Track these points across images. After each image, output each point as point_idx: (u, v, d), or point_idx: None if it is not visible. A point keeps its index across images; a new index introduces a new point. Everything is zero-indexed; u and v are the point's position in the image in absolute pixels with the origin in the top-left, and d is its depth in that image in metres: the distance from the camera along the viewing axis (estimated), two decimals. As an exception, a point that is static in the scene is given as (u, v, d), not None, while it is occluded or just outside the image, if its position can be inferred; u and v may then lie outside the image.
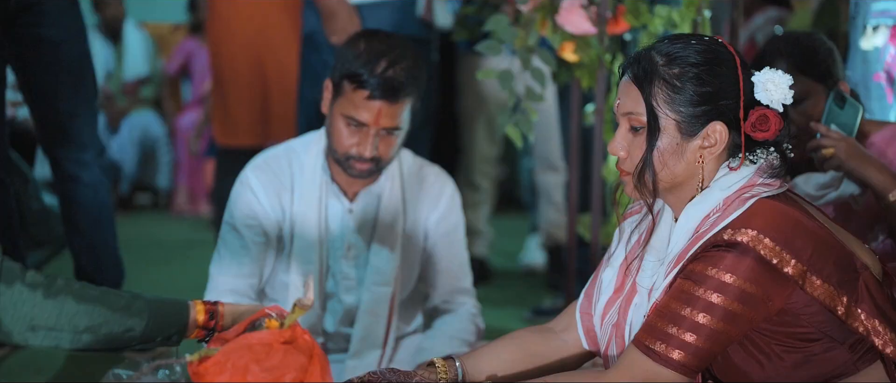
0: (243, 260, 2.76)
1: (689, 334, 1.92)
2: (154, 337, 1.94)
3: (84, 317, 1.86)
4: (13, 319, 1.81)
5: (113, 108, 7.10)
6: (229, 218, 2.84)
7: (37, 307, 1.82)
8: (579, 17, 3.02)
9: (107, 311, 1.87)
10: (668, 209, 2.10)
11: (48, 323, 1.83)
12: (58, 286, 1.85)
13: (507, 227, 5.99)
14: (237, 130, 4.18)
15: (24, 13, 3.45)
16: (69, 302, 1.84)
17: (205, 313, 1.99)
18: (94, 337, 1.88)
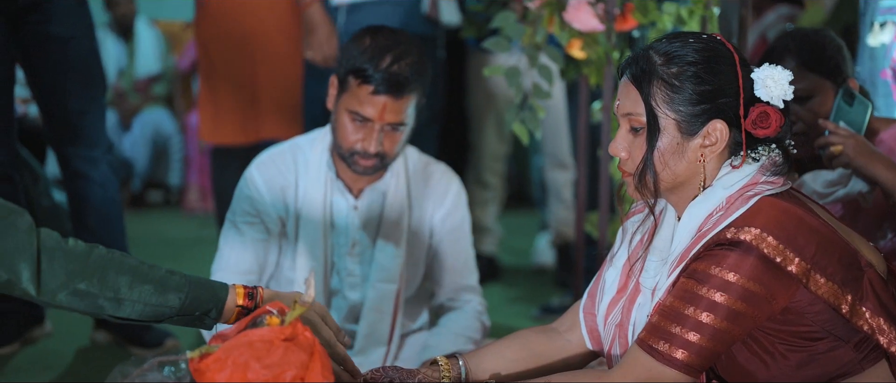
0: (243, 256, 2.77)
1: (692, 333, 1.92)
2: (192, 311, 1.97)
3: (124, 286, 1.90)
4: (56, 284, 1.86)
5: (125, 106, 7.11)
6: (231, 214, 2.84)
7: (78, 273, 1.86)
8: (587, 14, 3.01)
9: (146, 281, 1.91)
10: (670, 208, 2.10)
11: (90, 289, 1.88)
12: (98, 253, 1.89)
13: (518, 225, 5.98)
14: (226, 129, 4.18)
15: (32, 11, 3.47)
16: (110, 270, 1.89)
17: (244, 294, 2.02)
18: (134, 306, 1.92)
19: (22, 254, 1.84)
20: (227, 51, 4.06)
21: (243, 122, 4.12)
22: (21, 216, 1.87)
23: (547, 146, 4.77)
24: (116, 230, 3.74)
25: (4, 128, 3.59)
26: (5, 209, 1.86)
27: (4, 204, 1.87)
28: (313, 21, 3.72)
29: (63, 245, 1.88)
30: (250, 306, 2.02)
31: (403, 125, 2.73)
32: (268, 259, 2.82)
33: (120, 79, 7.14)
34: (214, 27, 4.07)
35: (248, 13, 4.00)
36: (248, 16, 4.01)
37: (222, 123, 4.15)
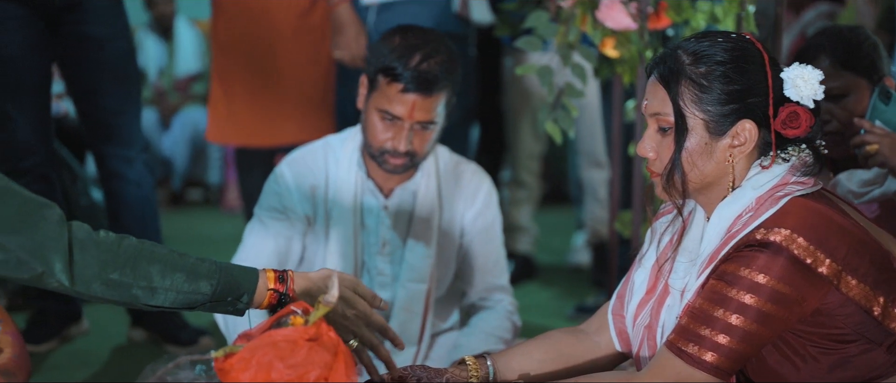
0: (264, 249, 2.76)
1: (722, 336, 1.91)
2: (224, 296, 1.98)
3: (157, 274, 1.92)
4: (89, 274, 1.87)
5: (165, 105, 7.15)
6: (258, 208, 2.85)
7: (110, 263, 1.88)
8: (619, 13, 2.99)
9: (178, 269, 1.93)
10: (700, 209, 2.08)
11: (123, 279, 1.89)
12: (129, 243, 1.91)
13: (555, 223, 5.97)
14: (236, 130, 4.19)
15: (69, 11, 3.51)
16: (142, 258, 1.90)
17: (274, 278, 2.02)
18: (167, 294, 1.94)
19: (54, 246, 1.86)
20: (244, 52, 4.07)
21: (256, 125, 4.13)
22: (51, 209, 1.89)
23: (583, 145, 4.76)
24: (151, 229, 3.78)
25: (42, 128, 3.64)
26: (35, 203, 1.88)
27: (34, 198, 1.89)
28: (341, 20, 3.73)
29: (94, 236, 1.90)
30: (282, 290, 2.03)
31: (433, 124, 2.73)
32: (289, 256, 2.81)
33: (160, 78, 7.19)
34: (230, 28, 4.08)
35: (265, 14, 4.01)
36: (265, 17, 4.02)
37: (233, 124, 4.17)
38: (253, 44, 4.05)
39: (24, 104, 3.55)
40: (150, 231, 3.76)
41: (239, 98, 4.11)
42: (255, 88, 4.08)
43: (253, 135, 4.15)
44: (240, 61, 4.08)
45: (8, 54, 3.48)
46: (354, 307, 2.07)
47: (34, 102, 3.58)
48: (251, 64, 4.07)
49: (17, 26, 3.47)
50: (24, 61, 3.51)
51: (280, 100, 4.08)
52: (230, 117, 4.15)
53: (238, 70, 4.09)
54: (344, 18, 3.72)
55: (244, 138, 4.20)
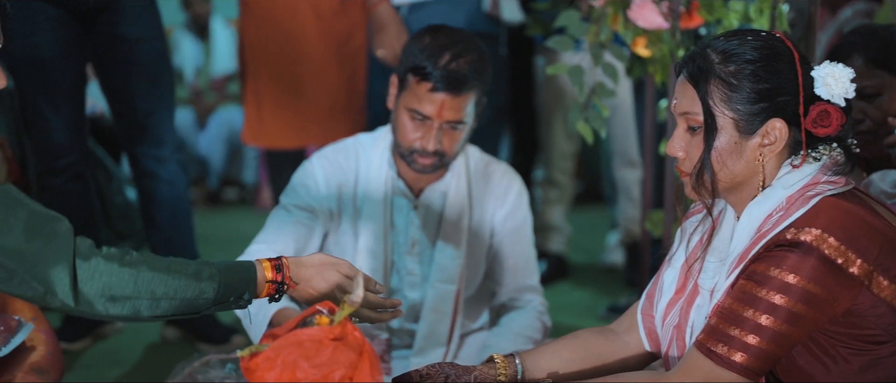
0: (281, 235, 2.75)
1: (751, 336, 1.90)
2: (226, 298, 1.99)
3: (160, 285, 1.91)
4: (93, 291, 1.87)
5: (201, 104, 7.20)
6: (284, 198, 2.85)
7: (114, 277, 1.88)
8: (651, 12, 2.97)
9: (180, 277, 1.93)
10: (730, 208, 2.07)
11: (126, 293, 1.89)
12: (132, 257, 1.91)
13: (590, 223, 5.95)
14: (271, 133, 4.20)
15: (102, 12, 3.54)
16: (144, 271, 1.90)
17: (271, 268, 2.03)
18: (171, 303, 1.94)
19: (59, 264, 1.85)
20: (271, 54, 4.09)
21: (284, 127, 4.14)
22: (60, 222, 1.89)
23: (616, 144, 4.74)
24: (184, 227, 3.80)
25: (76, 128, 3.67)
26: (44, 216, 1.88)
27: (43, 211, 1.88)
28: (382, 19, 3.74)
29: (97, 252, 1.89)
30: (279, 279, 2.03)
31: (462, 123, 2.73)
32: (307, 247, 2.79)
33: (196, 77, 7.23)
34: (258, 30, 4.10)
35: (292, 16, 4.02)
36: (292, 19, 4.03)
37: (266, 127, 4.18)
38: (280, 46, 4.07)
39: (58, 104, 3.59)
40: (182, 230, 3.79)
41: (267, 100, 4.13)
42: (283, 90, 4.09)
43: (281, 138, 4.16)
44: (268, 63, 4.10)
45: (43, 55, 3.52)
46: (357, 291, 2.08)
47: (69, 102, 3.62)
48: (279, 66, 4.08)
49: (52, 27, 3.50)
50: (58, 62, 3.55)
51: (307, 102, 4.09)
52: (260, 119, 4.17)
53: (266, 72, 4.11)
54: (385, 17, 3.73)
55: (272, 140, 4.22)
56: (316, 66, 4.07)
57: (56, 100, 3.58)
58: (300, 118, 4.11)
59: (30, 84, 3.59)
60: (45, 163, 3.71)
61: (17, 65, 3.60)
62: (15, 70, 3.63)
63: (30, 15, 3.49)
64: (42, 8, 3.48)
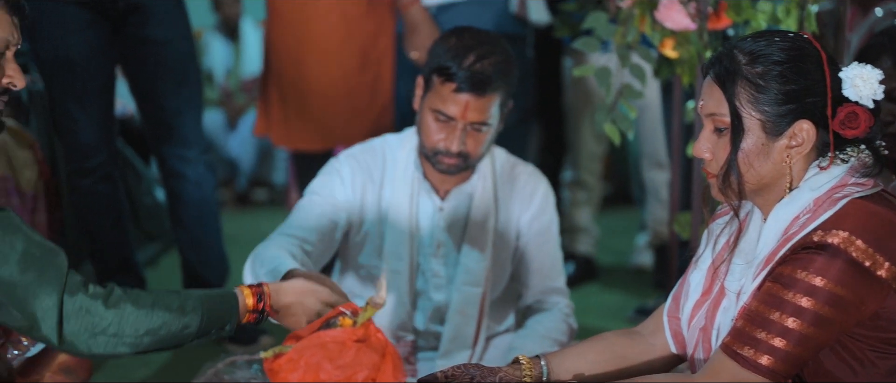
0: (303, 223, 2.75)
1: (778, 339, 1.89)
2: (209, 329, 1.99)
3: (144, 322, 1.91)
4: (77, 330, 1.88)
5: (231, 106, 7.22)
6: (308, 191, 2.85)
7: (99, 316, 1.88)
8: (679, 13, 2.96)
9: (164, 313, 1.92)
10: (757, 210, 2.06)
11: (110, 330, 1.89)
12: (116, 295, 1.91)
13: (620, 224, 5.93)
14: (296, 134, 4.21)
15: (131, 14, 3.56)
16: (128, 308, 1.90)
17: (253, 297, 2.02)
18: (154, 339, 1.94)
19: (49, 299, 1.86)
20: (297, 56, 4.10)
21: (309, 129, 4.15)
22: (56, 256, 1.89)
23: (645, 146, 4.72)
24: (211, 228, 3.82)
25: (105, 129, 3.70)
26: (42, 248, 1.88)
27: (41, 242, 1.89)
28: (415, 21, 3.74)
29: (83, 290, 1.89)
30: (260, 308, 2.03)
31: (487, 125, 2.72)
32: (330, 241, 2.80)
33: (227, 79, 7.26)
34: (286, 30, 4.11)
35: (321, 17, 4.03)
36: (321, 19, 4.04)
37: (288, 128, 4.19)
38: (306, 47, 4.07)
39: (88, 105, 3.62)
40: (209, 230, 3.81)
41: (292, 102, 4.14)
42: (309, 92, 4.10)
43: (306, 140, 4.17)
44: (294, 65, 4.11)
45: (72, 56, 3.55)
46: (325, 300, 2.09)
47: (98, 104, 3.64)
48: (305, 67, 4.09)
49: (82, 29, 3.53)
50: (87, 63, 3.58)
51: (333, 104, 4.10)
52: (285, 121, 4.18)
53: (292, 73, 4.12)
54: (417, 19, 3.74)
55: (297, 142, 4.23)
56: (342, 67, 4.08)
57: (85, 102, 3.61)
58: (325, 120, 4.12)
59: (59, 85, 3.62)
60: (74, 163, 3.74)
61: (47, 66, 3.64)
62: (45, 71, 3.67)
63: (60, 17, 3.52)
64: (72, 10, 3.51)
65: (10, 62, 1.98)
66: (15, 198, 3.81)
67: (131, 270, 3.90)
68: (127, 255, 3.89)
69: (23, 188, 3.85)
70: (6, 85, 1.98)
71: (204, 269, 3.81)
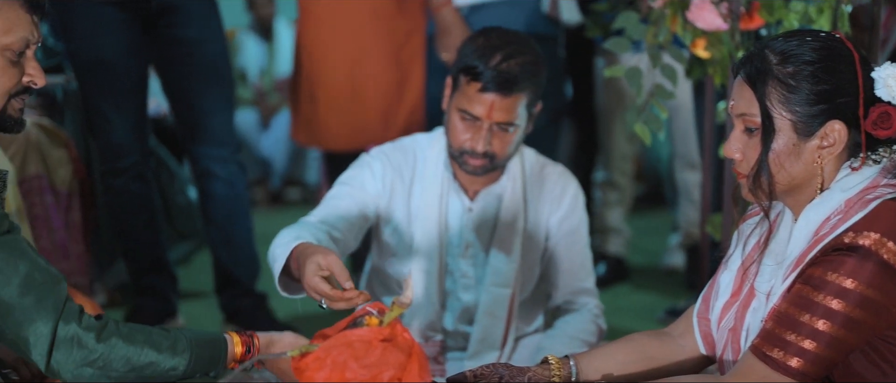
0: (332, 211, 2.75)
1: (807, 341, 1.88)
2: (194, 373, 1.99)
3: (132, 359, 1.92)
4: (66, 358, 1.89)
5: (265, 105, 7.25)
6: (338, 183, 2.86)
7: (89, 349, 1.89)
8: (710, 13, 2.94)
9: (153, 353, 1.93)
10: (787, 211, 2.05)
11: (98, 364, 1.90)
12: (109, 330, 1.91)
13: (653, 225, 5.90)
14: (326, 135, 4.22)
15: (164, 15, 3.58)
16: (119, 345, 1.91)
17: (242, 346, 2.02)
18: (139, 376, 1.94)
19: (44, 327, 1.87)
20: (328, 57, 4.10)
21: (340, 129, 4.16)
22: (58, 284, 1.90)
23: (677, 146, 4.70)
24: (243, 227, 3.84)
25: (138, 129, 3.73)
26: (45, 274, 1.89)
27: (45, 268, 1.89)
28: (446, 22, 3.74)
29: (78, 321, 1.90)
30: (247, 358, 2.02)
31: (513, 125, 2.71)
32: (359, 229, 2.80)
33: (260, 79, 7.28)
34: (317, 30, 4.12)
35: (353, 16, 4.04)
36: (353, 19, 4.04)
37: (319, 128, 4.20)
38: (338, 47, 4.08)
39: (121, 105, 3.65)
40: (240, 229, 3.83)
41: (323, 103, 4.15)
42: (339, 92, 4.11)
43: (336, 140, 4.18)
44: (325, 65, 4.12)
45: (106, 56, 3.58)
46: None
47: (131, 103, 3.67)
48: (336, 67, 4.10)
49: (115, 30, 3.56)
50: (121, 64, 3.60)
51: (364, 104, 4.11)
52: (315, 121, 4.19)
53: (323, 73, 4.13)
54: (449, 21, 3.74)
55: (328, 142, 4.24)
56: (374, 67, 4.09)
57: (118, 101, 3.64)
58: (356, 120, 4.13)
59: (93, 85, 3.65)
60: (107, 163, 3.77)
61: (81, 66, 3.67)
62: (79, 71, 3.70)
63: (94, 17, 3.55)
64: (106, 10, 3.54)
65: (31, 60, 1.99)
66: (49, 196, 3.84)
67: (163, 269, 3.93)
68: (159, 254, 3.91)
69: (57, 187, 3.88)
70: (27, 83, 2.00)
71: (235, 268, 3.84)
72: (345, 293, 2.11)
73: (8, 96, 1.98)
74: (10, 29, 1.94)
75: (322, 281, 2.13)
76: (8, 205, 3.43)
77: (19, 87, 1.99)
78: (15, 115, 2.00)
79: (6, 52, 1.95)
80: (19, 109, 2.01)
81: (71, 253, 3.88)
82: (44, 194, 3.84)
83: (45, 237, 3.80)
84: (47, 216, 3.82)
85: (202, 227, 3.95)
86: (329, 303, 2.11)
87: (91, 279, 4.08)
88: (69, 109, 4.19)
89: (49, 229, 3.82)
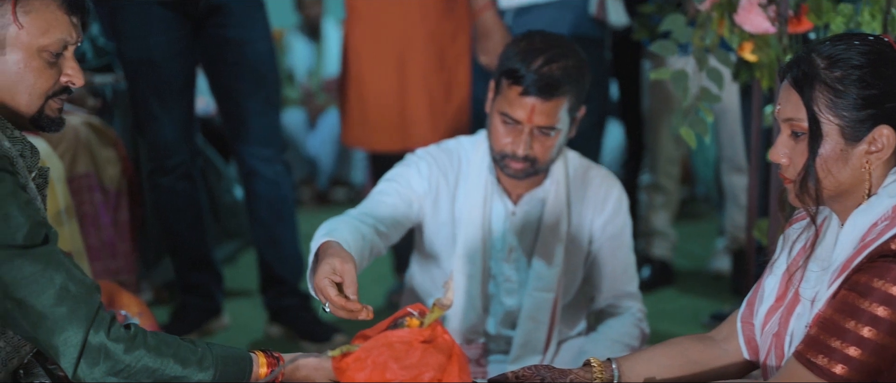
0: (378, 206, 2.75)
1: (852, 348, 1.86)
2: None
3: (158, 371, 1.92)
4: (93, 368, 1.89)
5: (312, 105, 7.28)
6: (383, 180, 2.86)
7: (116, 359, 1.89)
8: (758, 16, 2.92)
9: (178, 366, 1.93)
10: (834, 216, 2.03)
11: (124, 375, 1.90)
12: (137, 341, 1.92)
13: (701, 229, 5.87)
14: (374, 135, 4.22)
15: (212, 15, 3.61)
16: (146, 357, 1.91)
17: (267, 368, 2.01)
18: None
19: (75, 336, 1.88)
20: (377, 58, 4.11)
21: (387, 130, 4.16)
22: (92, 294, 1.91)
23: (724, 150, 4.67)
24: (288, 226, 3.86)
25: (185, 128, 3.76)
26: (80, 284, 1.90)
27: (81, 279, 1.90)
28: (487, 26, 3.74)
29: (107, 332, 1.90)
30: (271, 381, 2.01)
31: (554, 129, 2.70)
32: (403, 223, 2.79)
33: (308, 79, 7.31)
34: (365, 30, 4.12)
35: (400, 17, 4.04)
36: (401, 19, 4.04)
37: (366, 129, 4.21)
38: (386, 48, 4.09)
39: (168, 104, 3.69)
40: (286, 228, 3.85)
41: (371, 102, 4.16)
42: (386, 93, 4.12)
43: (383, 140, 4.19)
44: (373, 65, 4.13)
45: (154, 57, 3.61)
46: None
47: (178, 103, 3.71)
48: (383, 68, 4.11)
49: (164, 30, 3.59)
50: (169, 63, 3.64)
51: (410, 106, 4.11)
52: (363, 122, 4.20)
53: (371, 74, 4.14)
54: (490, 24, 3.74)
55: (374, 143, 4.25)
56: (421, 68, 4.09)
57: (166, 101, 3.68)
58: (404, 121, 4.13)
59: (141, 84, 3.69)
60: (154, 161, 3.80)
61: (129, 65, 3.71)
62: (128, 70, 3.73)
63: (143, 17, 3.58)
64: (155, 10, 3.57)
65: (69, 61, 2.01)
66: (98, 194, 3.88)
67: (209, 267, 3.96)
68: (205, 253, 3.94)
69: (106, 185, 3.92)
70: (65, 83, 2.01)
71: (279, 267, 3.86)
72: (348, 303, 2.08)
73: (45, 97, 1.99)
74: (46, 30, 1.96)
75: (331, 285, 2.10)
76: (57, 202, 3.47)
77: (57, 88, 2.01)
78: (53, 115, 2.02)
79: (43, 54, 1.96)
80: (58, 109, 2.03)
81: (118, 250, 3.92)
82: (92, 192, 3.88)
83: (93, 235, 3.85)
84: (96, 214, 3.86)
85: (250, 223, 3.98)
86: (331, 308, 2.09)
87: (138, 277, 4.12)
88: (119, 108, 4.24)
89: (97, 227, 3.86)
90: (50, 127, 2.03)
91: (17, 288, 1.85)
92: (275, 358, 2.01)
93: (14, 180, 1.89)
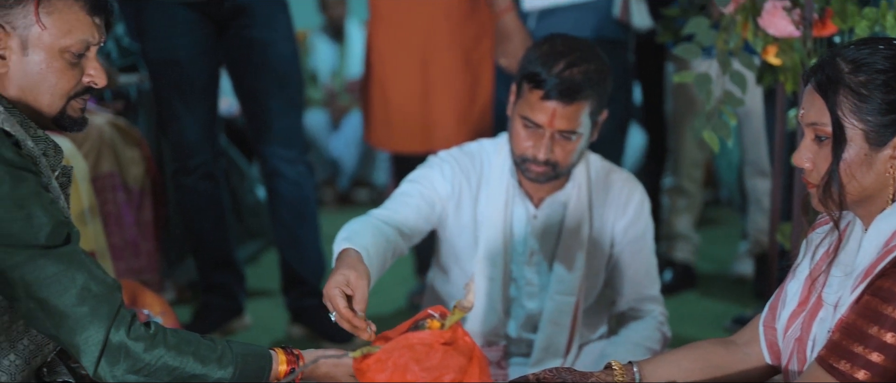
0: (401, 207, 2.74)
1: (875, 354, 1.85)
2: None
3: (178, 369, 1.93)
4: (113, 366, 1.91)
5: (335, 106, 7.29)
6: (406, 180, 2.86)
7: (135, 358, 1.91)
8: (782, 20, 2.91)
9: (198, 364, 1.94)
10: (857, 221, 2.02)
11: (143, 372, 1.92)
12: (157, 340, 1.93)
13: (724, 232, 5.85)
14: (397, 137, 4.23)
15: (235, 16, 3.63)
16: (166, 355, 1.92)
17: (286, 365, 2.01)
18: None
19: (96, 335, 1.89)
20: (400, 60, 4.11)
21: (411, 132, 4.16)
22: (113, 293, 1.92)
23: (747, 153, 4.65)
24: (310, 227, 3.87)
25: (208, 129, 3.78)
26: (101, 284, 1.91)
27: (102, 278, 1.91)
28: (508, 29, 3.73)
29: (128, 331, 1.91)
30: (291, 379, 2.02)
31: (575, 133, 2.69)
32: (425, 224, 2.79)
33: (331, 80, 7.32)
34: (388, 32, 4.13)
35: (424, 18, 4.04)
36: (424, 21, 4.05)
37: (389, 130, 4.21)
38: (409, 49, 4.10)
39: (192, 105, 3.70)
40: (308, 229, 3.86)
41: (395, 105, 4.16)
42: (409, 95, 4.12)
43: (405, 142, 4.19)
44: (396, 67, 4.13)
45: (178, 57, 3.63)
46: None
47: (202, 103, 3.72)
48: (406, 71, 4.11)
49: (188, 30, 3.61)
50: (193, 64, 3.65)
51: (433, 107, 4.11)
52: (387, 123, 4.20)
53: (394, 75, 4.14)
54: (510, 27, 3.73)
55: (397, 144, 4.25)
56: (443, 70, 4.09)
57: (189, 101, 3.69)
58: (427, 122, 4.13)
59: (165, 85, 3.71)
60: (177, 161, 3.82)
61: (153, 66, 3.73)
62: (152, 71, 3.75)
63: (167, 18, 3.60)
64: (179, 11, 3.59)
65: (92, 61, 2.02)
66: (122, 194, 3.91)
67: (232, 267, 3.97)
68: (227, 252, 3.96)
69: (130, 184, 3.94)
70: (87, 83, 2.02)
71: (301, 267, 3.87)
72: (354, 318, 2.06)
73: (67, 98, 2.01)
74: (69, 31, 1.97)
75: (341, 296, 2.09)
76: (80, 201, 3.49)
77: (79, 88, 2.02)
78: (75, 115, 2.03)
79: (65, 54, 1.97)
80: (80, 109, 2.04)
81: (141, 250, 3.94)
82: (116, 192, 3.90)
83: (116, 234, 3.87)
84: (119, 213, 3.88)
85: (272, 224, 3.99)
86: (337, 319, 2.09)
87: (161, 276, 4.14)
88: (143, 109, 4.26)
89: (120, 226, 3.89)
90: (72, 127, 2.04)
91: (39, 288, 1.87)
92: (295, 357, 2.02)
93: (37, 180, 1.90)
